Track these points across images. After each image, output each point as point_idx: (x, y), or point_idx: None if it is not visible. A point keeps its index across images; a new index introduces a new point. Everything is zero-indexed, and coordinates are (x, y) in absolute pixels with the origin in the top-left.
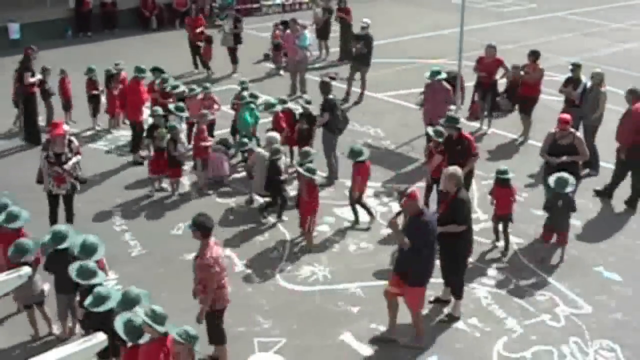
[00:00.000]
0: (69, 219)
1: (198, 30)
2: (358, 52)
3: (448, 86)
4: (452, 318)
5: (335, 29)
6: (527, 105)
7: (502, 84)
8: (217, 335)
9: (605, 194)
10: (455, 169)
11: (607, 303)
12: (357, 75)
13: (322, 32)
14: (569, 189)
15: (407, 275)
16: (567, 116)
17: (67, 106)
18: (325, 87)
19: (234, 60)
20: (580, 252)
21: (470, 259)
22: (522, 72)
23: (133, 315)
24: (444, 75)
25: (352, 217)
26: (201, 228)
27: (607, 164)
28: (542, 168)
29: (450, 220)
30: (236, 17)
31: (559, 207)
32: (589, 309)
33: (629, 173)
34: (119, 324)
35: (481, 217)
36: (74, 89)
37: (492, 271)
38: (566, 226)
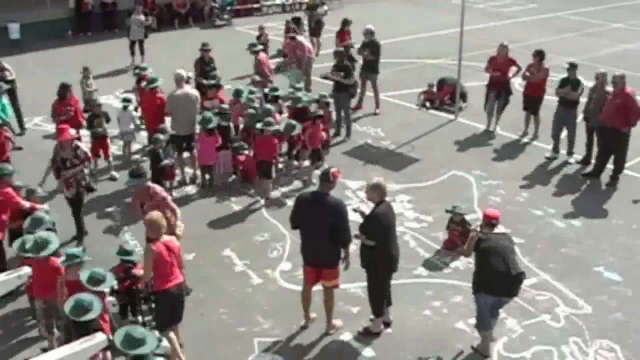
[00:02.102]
0: (78, 228)
1: None
2: (366, 59)
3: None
4: (368, 332)
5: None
6: (534, 104)
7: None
8: None
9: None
10: (379, 180)
11: (607, 303)
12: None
13: (315, 30)
14: None
15: None
16: None
17: None
18: (341, 55)
19: (143, 51)
20: (580, 252)
21: (470, 259)
22: (527, 73)
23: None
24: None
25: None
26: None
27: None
28: None
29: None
30: (145, 10)
31: None
32: (589, 309)
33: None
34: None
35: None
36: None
37: None
38: None
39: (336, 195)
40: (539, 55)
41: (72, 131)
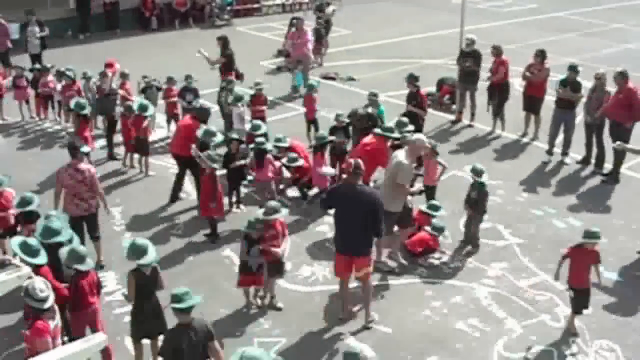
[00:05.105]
0: None
1: None
2: (468, 70)
3: None
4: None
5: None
6: (535, 104)
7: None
8: None
9: (612, 176)
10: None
11: (607, 303)
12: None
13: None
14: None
15: None
16: None
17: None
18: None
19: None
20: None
21: (470, 259)
22: (528, 73)
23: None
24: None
25: None
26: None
27: (608, 165)
28: None
29: None
30: (39, 20)
31: None
32: (589, 309)
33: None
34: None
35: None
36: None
37: (492, 271)
38: None
39: None
40: (541, 55)
41: None
